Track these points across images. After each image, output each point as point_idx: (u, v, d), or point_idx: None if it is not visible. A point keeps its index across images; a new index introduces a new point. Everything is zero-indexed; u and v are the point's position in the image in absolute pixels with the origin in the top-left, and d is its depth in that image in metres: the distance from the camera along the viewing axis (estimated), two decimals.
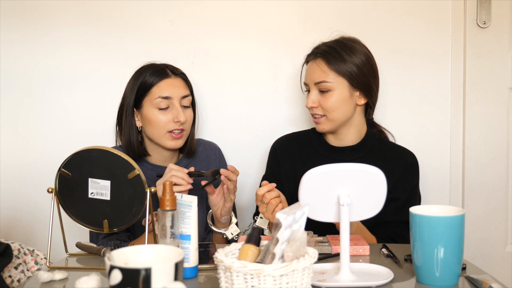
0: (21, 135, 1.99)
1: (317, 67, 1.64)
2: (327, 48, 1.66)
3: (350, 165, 1.16)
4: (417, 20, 1.98)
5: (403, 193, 1.63)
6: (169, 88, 1.66)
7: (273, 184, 1.46)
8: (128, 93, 1.69)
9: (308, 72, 1.68)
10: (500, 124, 2.01)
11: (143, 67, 1.71)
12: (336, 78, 1.63)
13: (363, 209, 1.19)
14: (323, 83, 1.63)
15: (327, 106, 1.63)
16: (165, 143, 1.67)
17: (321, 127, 1.67)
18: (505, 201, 2.03)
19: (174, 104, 1.66)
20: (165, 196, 1.15)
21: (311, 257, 0.97)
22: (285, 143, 1.79)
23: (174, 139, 1.67)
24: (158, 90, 1.65)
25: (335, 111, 1.64)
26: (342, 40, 1.69)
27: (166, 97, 1.65)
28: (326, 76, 1.63)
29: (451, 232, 1.11)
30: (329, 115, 1.64)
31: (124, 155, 1.30)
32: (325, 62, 1.64)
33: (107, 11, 1.96)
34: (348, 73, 1.63)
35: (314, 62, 1.66)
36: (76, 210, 1.36)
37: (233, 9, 1.97)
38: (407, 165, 1.67)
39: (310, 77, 1.66)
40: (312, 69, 1.66)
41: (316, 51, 1.67)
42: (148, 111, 1.66)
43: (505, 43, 1.99)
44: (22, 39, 1.95)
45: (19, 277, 1.43)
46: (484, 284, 1.10)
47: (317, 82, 1.64)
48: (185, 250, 1.19)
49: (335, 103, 1.63)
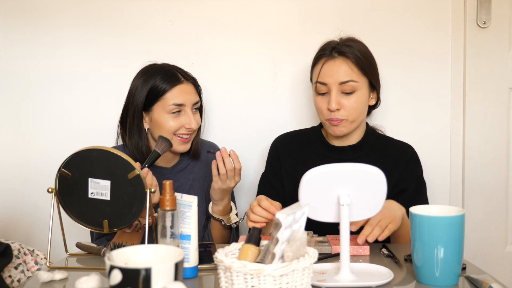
0: (21, 135, 1.99)
1: (342, 66, 1.57)
2: (349, 47, 1.59)
3: (350, 165, 1.16)
4: (417, 20, 1.98)
5: (410, 183, 1.62)
6: (183, 95, 1.65)
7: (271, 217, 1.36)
8: (136, 95, 1.66)
9: (330, 71, 1.58)
10: (500, 124, 2.01)
11: (152, 69, 1.67)
12: (361, 78, 1.58)
13: (363, 209, 1.19)
14: (350, 83, 1.56)
15: (351, 108, 1.56)
16: (173, 146, 1.67)
17: (340, 130, 1.60)
18: (505, 201, 2.03)
19: (186, 111, 1.65)
20: (165, 196, 1.15)
21: (311, 257, 0.97)
22: (286, 141, 1.75)
23: (183, 143, 1.67)
24: (171, 96, 1.63)
25: (356, 114, 1.58)
26: (355, 40, 1.64)
27: (180, 104, 1.64)
28: (353, 75, 1.56)
29: (451, 232, 1.11)
30: (350, 117, 1.58)
31: (124, 155, 1.30)
32: (351, 60, 1.57)
33: (107, 11, 1.96)
34: (370, 72, 1.59)
35: (336, 60, 1.58)
36: (76, 210, 1.36)
37: (233, 9, 1.97)
38: (408, 158, 1.66)
39: (332, 77, 1.57)
40: (335, 68, 1.57)
41: (338, 50, 1.59)
42: (159, 116, 1.64)
43: (505, 43, 1.99)
44: (22, 39, 1.96)
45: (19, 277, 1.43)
46: (484, 284, 1.10)
47: (343, 81, 1.56)
48: (185, 250, 1.19)
49: (359, 104, 1.58)
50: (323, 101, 1.60)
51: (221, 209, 1.66)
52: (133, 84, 1.69)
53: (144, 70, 1.69)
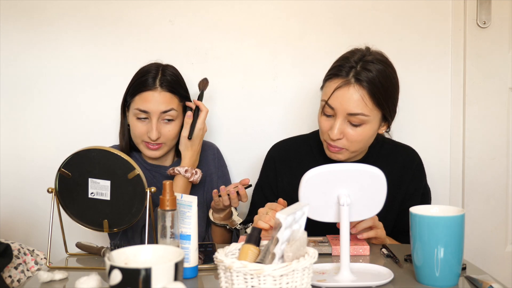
0: (21, 135, 1.98)
1: (354, 95, 1.42)
2: (369, 71, 1.43)
3: (350, 165, 1.16)
4: (417, 20, 1.98)
5: (417, 198, 1.59)
6: (147, 103, 1.61)
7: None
8: (125, 92, 1.69)
9: (341, 98, 1.44)
10: (500, 124, 2.01)
11: (140, 69, 1.69)
12: (373, 112, 1.44)
13: (363, 209, 1.19)
14: (360, 116, 1.43)
15: (355, 140, 1.46)
16: (142, 150, 1.68)
17: (337, 157, 1.50)
18: (505, 201, 2.03)
19: (151, 119, 1.62)
20: (165, 196, 1.15)
21: (311, 257, 0.97)
22: (284, 152, 1.66)
23: (150, 149, 1.65)
24: (138, 101, 1.62)
25: (361, 146, 1.49)
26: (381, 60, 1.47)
27: (143, 111, 1.62)
28: (365, 108, 1.43)
29: (451, 232, 1.11)
30: (351, 148, 1.48)
31: (124, 155, 1.30)
32: (367, 91, 1.42)
33: (107, 12, 1.95)
34: (386, 105, 1.46)
35: (350, 88, 1.43)
36: (76, 210, 1.36)
37: (233, 9, 1.97)
38: (415, 166, 1.62)
39: (342, 105, 1.43)
40: (347, 96, 1.43)
41: (356, 74, 1.43)
42: (130, 117, 1.67)
43: (505, 43, 1.99)
44: (23, 39, 1.95)
45: (19, 277, 1.43)
46: (484, 284, 1.10)
47: (352, 113, 1.43)
48: (185, 250, 1.19)
49: (365, 137, 1.47)
50: (327, 123, 1.48)
51: (222, 216, 1.64)
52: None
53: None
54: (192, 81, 1.79)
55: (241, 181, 1.56)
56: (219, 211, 1.61)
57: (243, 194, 1.54)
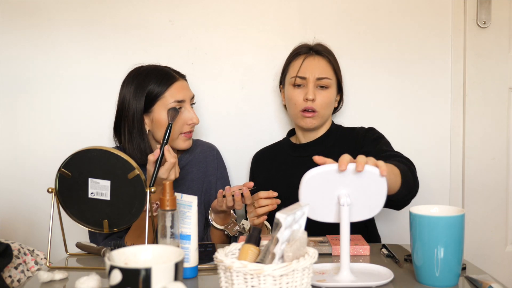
0: (21, 136, 1.98)
1: (319, 64, 1.74)
2: (324, 48, 1.78)
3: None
4: (417, 20, 1.98)
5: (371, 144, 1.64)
6: (182, 91, 1.65)
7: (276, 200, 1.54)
8: (132, 100, 1.63)
9: (308, 67, 1.73)
10: (500, 124, 2.01)
11: (143, 72, 1.66)
12: (333, 76, 1.75)
13: (363, 209, 1.18)
14: (326, 80, 1.72)
15: (323, 102, 1.72)
16: (178, 144, 1.67)
17: (312, 123, 1.72)
18: (505, 201, 2.03)
19: (186, 107, 1.66)
20: (165, 196, 1.15)
21: (311, 257, 0.97)
22: (261, 155, 1.88)
23: (187, 139, 1.69)
24: (171, 94, 1.62)
25: (326, 109, 1.74)
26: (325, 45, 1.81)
27: (180, 100, 1.64)
28: (329, 73, 1.74)
29: (451, 232, 1.11)
30: (321, 112, 1.72)
31: (124, 155, 1.30)
32: (327, 60, 1.75)
33: (107, 11, 1.96)
34: (339, 74, 1.77)
35: (315, 57, 1.75)
36: (76, 210, 1.36)
37: (233, 9, 1.97)
38: (364, 133, 1.71)
39: (311, 72, 1.72)
40: (313, 65, 1.73)
41: (315, 49, 1.77)
42: (160, 115, 1.62)
43: (505, 43, 1.99)
44: (22, 40, 1.95)
45: (19, 277, 1.43)
46: (484, 284, 1.10)
47: (321, 77, 1.72)
48: (185, 250, 1.19)
49: (330, 100, 1.74)
50: (300, 94, 1.72)
51: (221, 219, 1.63)
52: (126, 90, 1.65)
53: (134, 74, 1.67)
54: (192, 81, 1.79)
55: (245, 184, 1.57)
56: (220, 212, 1.61)
57: (247, 196, 1.54)
